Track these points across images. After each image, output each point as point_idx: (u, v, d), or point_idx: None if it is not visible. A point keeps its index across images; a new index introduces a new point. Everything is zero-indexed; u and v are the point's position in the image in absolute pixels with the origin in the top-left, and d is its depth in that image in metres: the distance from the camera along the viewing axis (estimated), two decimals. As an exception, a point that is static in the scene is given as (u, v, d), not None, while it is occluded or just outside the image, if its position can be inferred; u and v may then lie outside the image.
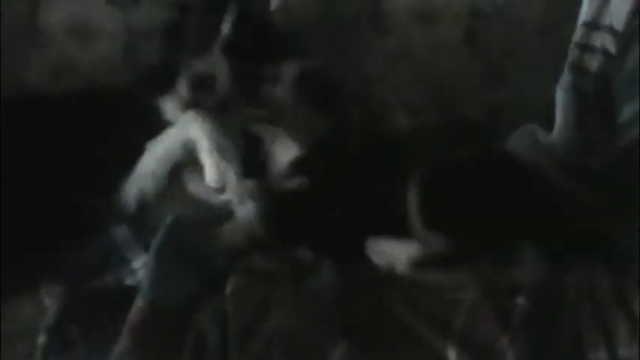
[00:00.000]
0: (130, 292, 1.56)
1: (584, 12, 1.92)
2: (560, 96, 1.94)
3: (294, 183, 1.69)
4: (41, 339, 1.51)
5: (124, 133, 1.75)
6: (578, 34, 1.94)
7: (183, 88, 1.75)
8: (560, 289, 1.51)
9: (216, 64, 1.74)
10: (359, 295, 1.56)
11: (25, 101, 1.86)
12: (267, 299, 1.51)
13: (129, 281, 1.63)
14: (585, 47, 1.92)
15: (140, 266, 1.62)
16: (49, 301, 1.58)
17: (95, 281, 1.62)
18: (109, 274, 1.63)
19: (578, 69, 1.94)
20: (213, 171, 1.69)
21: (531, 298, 1.48)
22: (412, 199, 1.60)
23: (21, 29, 1.98)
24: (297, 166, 1.71)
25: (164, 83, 1.79)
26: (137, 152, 1.74)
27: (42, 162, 1.71)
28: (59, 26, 1.98)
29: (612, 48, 1.88)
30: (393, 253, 1.59)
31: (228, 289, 1.53)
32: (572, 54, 1.94)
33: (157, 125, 1.76)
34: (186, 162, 1.74)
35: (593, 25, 1.92)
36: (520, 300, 1.49)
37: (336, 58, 1.98)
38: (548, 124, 1.93)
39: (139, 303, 1.52)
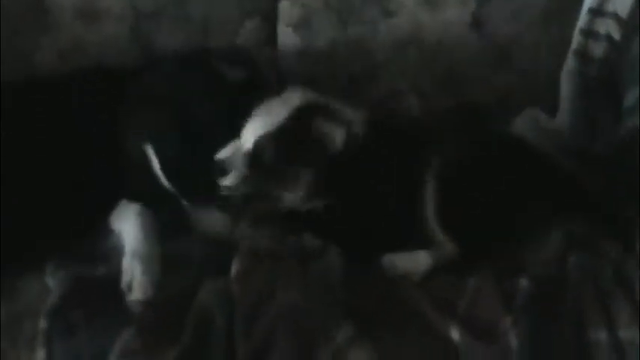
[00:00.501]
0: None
1: (589, -1, 1.93)
2: (565, 81, 1.96)
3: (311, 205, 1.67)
4: (42, 323, 1.51)
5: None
6: (582, 20, 1.95)
7: None
8: (563, 271, 1.53)
9: None
10: (364, 276, 1.58)
11: (33, 83, 1.87)
12: (273, 281, 1.52)
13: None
14: (590, 33, 1.93)
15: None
16: (53, 283, 1.59)
17: (100, 267, 1.63)
18: (113, 260, 1.63)
19: (583, 55, 1.95)
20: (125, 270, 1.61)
21: (535, 279, 1.50)
22: (429, 200, 1.61)
23: (29, 11, 1.97)
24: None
25: None
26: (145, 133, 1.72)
27: (52, 144, 1.71)
28: (67, 8, 1.98)
29: (616, 35, 1.89)
30: (407, 266, 1.59)
31: (233, 271, 1.54)
32: (577, 40, 1.95)
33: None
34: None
35: (597, 12, 1.93)
36: (523, 281, 1.50)
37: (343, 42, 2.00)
38: (553, 108, 1.94)
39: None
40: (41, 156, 1.70)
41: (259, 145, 1.62)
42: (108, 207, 1.70)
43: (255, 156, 1.63)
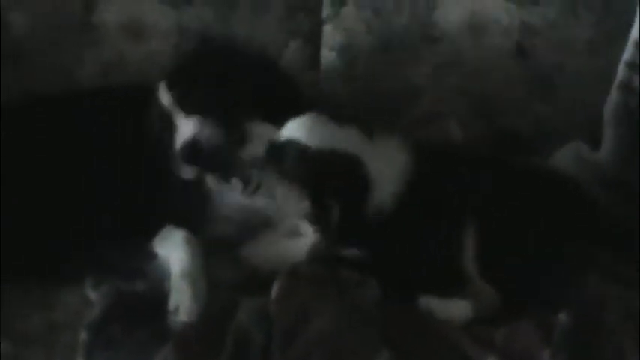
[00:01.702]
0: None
1: (635, 32, 1.91)
2: (608, 113, 1.94)
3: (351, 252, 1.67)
4: (83, 335, 1.52)
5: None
6: (628, 53, 1.93)
7: None
8: (601, 305, 1.51)
9: None
10: (401, 306, 1.57)
11: (75, 96, 1.89)
12: (310, 304, 1.52)
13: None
14: (635, 66, 1.92)
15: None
16: (96, 297, 1.60)
17: (139, 283, 1.64)
18: (152, 276, 1.65)
19: (627, 88, 1.93)
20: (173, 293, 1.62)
21: (573, 313, 1.49)
22: (467, 244, 1.59)
23: (75, 26, 2.00)
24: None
25: None
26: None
27: (92, 157, 1.73)
28: (113, 24, 2.00)
29: (661, 69, 1.88)
30: (446, 314, 1.57)
31: (273, 292, 1.54)
32: (622, 72, 1.93)
33: None
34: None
35: (643, 46, 1.92)
36: (562, 316, 1.49)
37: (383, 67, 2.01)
38: (596, 141, 1.93)
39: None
40: (82, 169, 1.72)
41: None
42: (149, 225, 1.71)
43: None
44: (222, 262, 1.67)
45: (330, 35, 2.02)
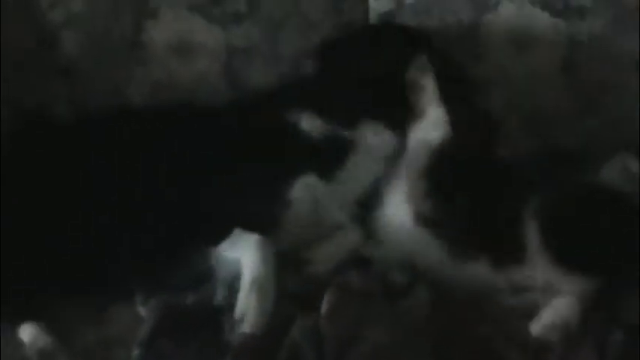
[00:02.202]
0: (221, 311, 1.60)
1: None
2: (656, 127, 1.94)
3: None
4: (135, 352, 1.54)
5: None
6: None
7: None
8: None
9: None
10: (452, 316, 1.58)
11: (129, 114, 1.93)
12: (361, 319, 1.53)
13: (219, 299, 1.64)
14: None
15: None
16: (146, 313, 1.62)
17: (190, 296, 1.65)
18: (203, 288, 1.66)
19: (674, 101, 1.93)
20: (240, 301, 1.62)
21: (630, 330, 1.49)
22: (532, 232, 1.61)
23: (125, 44, 2.03)
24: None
25: None
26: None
27: (141, 172, 1.75)
28: (161, 43, 2.03)
29: None
30: (561, 318, 1.56)
31: (324, 308, 1.55)
32: (668, 88, 1.94)
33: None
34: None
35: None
36: (618, 332, 1.49)
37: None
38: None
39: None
40: (132, 184, 1.74)
41: None
42: (199, 235, 1.71)
43: None
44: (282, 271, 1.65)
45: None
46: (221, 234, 1.68)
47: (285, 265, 1.66)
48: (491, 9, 1.98)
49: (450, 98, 1.77)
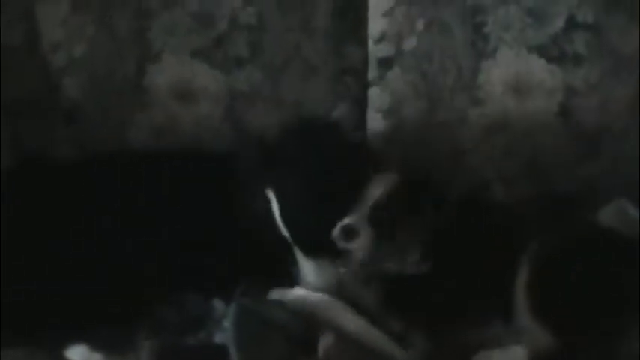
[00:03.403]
0: (220, 351, 1.59)
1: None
2: (652, 172, 1.96)
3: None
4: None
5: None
6: (671, 112, 1.97)
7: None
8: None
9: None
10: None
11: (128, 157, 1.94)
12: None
13: (218, 339, 1.64)
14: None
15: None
16: (143, 355, 1.60)
17: (187, 337, 1.65)
18: (202, 330, 1.66)
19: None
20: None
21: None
22: (520, 286, 1.61)
23: (127, 87, 2.05)
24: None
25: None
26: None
27: (147, 216, 1.77)
28: (163, 87, 2.04)
29: None
30: None
31: (321, 351, 1.55)
32: (665, 131, 1.96)
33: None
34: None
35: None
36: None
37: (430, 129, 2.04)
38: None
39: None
40: (131, 226, 1.74)
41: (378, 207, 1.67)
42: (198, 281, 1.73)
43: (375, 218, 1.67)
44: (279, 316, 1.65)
45: (377, 97, 2.05)
46: (220, 282, 1.70)
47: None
48: (489, 55, 2.01)
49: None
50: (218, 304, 1.70)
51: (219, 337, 1.65)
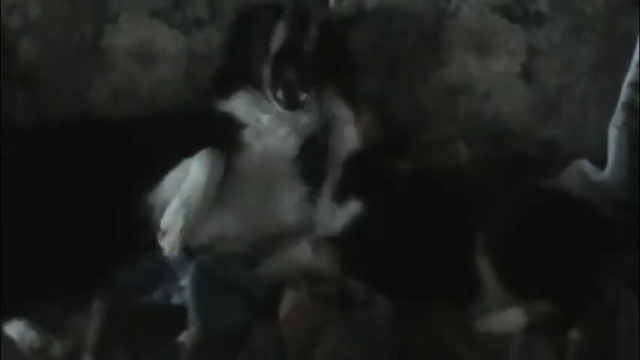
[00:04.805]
0: (177, 312, 1.59)
1: (637, 53, 1.93)
2: (613, 134, 1.95)
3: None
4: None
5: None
6: (631, 73, 1.95)
7: (266, 71, 1.75)
8: (614, 324, 1.53)
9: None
10: (413, 324, 1.58)
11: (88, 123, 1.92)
12: (321, 325, 1.53)
13: (175, 299, 1.64)
14: (638, 87, 1.94)
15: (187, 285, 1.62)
16: (94, 316, 1.59)
17: (143, 297, 1.64)
18: (157, 290, 1.66)
19: (631, 108, 1.94)
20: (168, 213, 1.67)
21: (586, 332, 1.50)
22: (484, 264, 1.61)
23: (84, 51, 2.01)
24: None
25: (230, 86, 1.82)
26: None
27: (100, 179, 1.75)
28: (122, 49, 2.01)
29: (667, 89, 1.90)
30: (504, 326, 1.57)
31: (282, 314, 1.55)
32: (626, 93, 1.95)
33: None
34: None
35: (646, 66, 1.94)
36: (574, 334, 1.50)
37: (392, 89, 2.01)
38: (602, 161, 1.94)
39: (192, 329, 1.54)
40: (90, 189, 1.73)
41: None
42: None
43: None
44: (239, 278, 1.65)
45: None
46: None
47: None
48: (451, 14, 1.99)
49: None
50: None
51: (176, 298, 1.64)
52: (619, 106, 1.96)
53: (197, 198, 1.67)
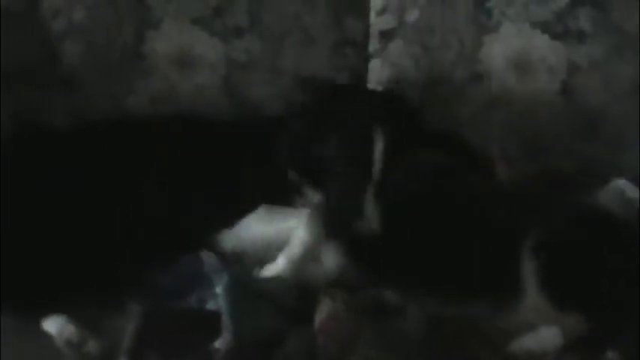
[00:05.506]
0: (212, 317, 1.58)
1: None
2: (652, 153, 1.95)
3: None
4: (122, 362, 1.52)
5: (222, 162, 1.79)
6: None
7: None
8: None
9: None
10: (445, 337, 1.57)
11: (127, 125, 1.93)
12: (355, 334, 1.52)
13: (211, 305, 1.64)
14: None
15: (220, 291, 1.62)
16: (130, 320, 1.59)
17: (179, 302, 1.64)
18: (192, 295, 1.66)
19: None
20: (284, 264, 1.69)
21: (622, 354, 1.49)
22: (529, 269, 1.60)
23: (126, 55, 2.04)
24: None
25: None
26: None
27: (142, 181, 1.77)
28: (162, 54, 2.04)
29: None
30: (540, 347, 1.55)
31: (317, 322, 1.54)
32: (664, 113, 1.94)
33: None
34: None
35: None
36: (610, 355, 1.49)
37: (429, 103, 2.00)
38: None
39: (226, 335, 1.54)
40: (133, 190, 1.76)
41: None
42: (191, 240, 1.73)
43: None
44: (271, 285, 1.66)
45: (377, 70, 2.03)
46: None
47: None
48: (492, 29, 1.99)
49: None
50: (206, 257, 1.70)
51: (211, 304, 1.64)
52: (658, 124, 1.95)
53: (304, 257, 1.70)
